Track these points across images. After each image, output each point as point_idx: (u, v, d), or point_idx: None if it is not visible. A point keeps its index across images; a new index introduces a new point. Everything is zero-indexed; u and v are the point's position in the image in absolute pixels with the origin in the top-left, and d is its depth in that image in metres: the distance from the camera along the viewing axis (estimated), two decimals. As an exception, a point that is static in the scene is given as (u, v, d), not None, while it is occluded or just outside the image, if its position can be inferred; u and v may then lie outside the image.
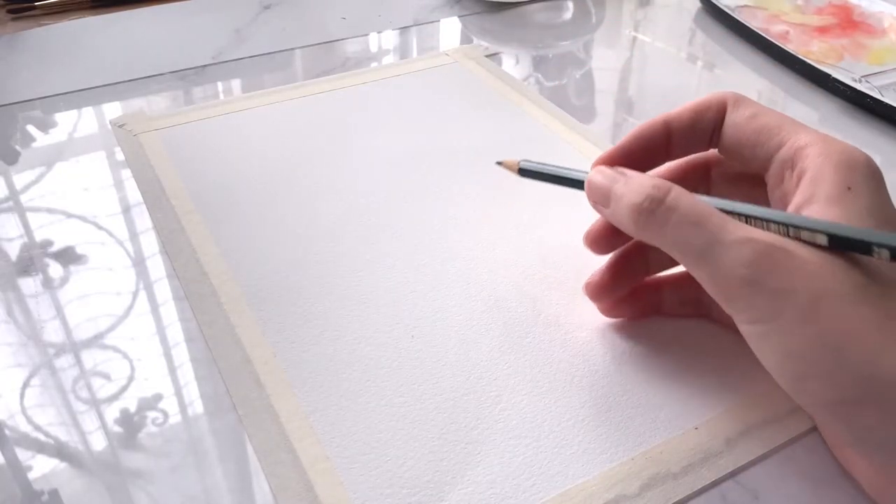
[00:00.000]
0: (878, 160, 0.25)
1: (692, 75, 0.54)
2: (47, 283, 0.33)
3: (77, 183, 0.40)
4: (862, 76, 0.49)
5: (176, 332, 0.31)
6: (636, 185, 0.25)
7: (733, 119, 0.27)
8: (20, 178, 0.40)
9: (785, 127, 0.26)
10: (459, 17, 0.59)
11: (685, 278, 0.29)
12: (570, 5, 0.63)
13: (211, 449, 0.27)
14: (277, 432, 0.27)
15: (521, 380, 0.29)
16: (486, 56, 0.52)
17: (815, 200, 0.24)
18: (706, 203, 0.24)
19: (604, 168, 0.27)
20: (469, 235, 0.36)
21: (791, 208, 0.25)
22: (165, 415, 0.28)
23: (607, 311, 0.31)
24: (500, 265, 0.34)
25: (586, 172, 0.28)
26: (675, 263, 0.29)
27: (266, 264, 0.34)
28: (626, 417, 0.27)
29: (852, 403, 0.22)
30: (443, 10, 0.60)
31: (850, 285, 0.22)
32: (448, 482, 0.25)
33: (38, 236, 0.36)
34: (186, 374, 0.29)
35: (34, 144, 0.43)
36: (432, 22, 0.59)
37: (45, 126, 0.45)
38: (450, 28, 0.58)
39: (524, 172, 0.31)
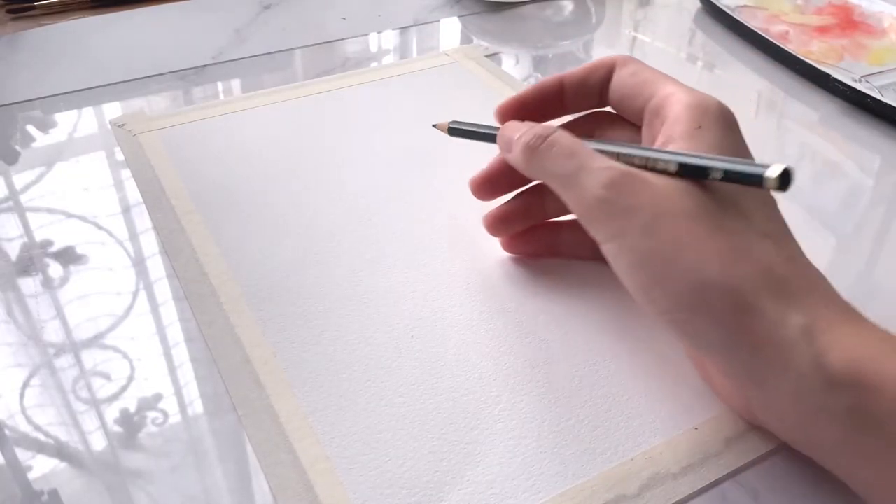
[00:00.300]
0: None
1: (692, 75, 0.54)
2: (47, 283, 0.33)
3: (77, 183, 0.40)
4: (862, 76, 0.49)
5: (176, 332, 0.31)
6: (530, 129, 0.29)
7: (618, 76, 0.31)
8: (20, 178, 0.40)
9: (657, 82, 0.30)
10: (459, 17, 0.59)
11: (578, 224, 0.32)
12: (570, 5, 0.63)
13: (211, 449, 0.27)
14: (277, 432, 0.27)
15: (521, 380, 0.29)
16: (486, 56, 0.52)
17: (672, 140, 0.27)
18: (583, 143, 0.28)
19: (513, 122, 0.31)
20: (469, 235, 0.36)
21: (655, 146, 0.28)
22: (165, 415, 0.28)
23: (507, 246, 0.35)
24: (500, 265, 0.34)
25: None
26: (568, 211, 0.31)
27: (266, 264, 0.34)
28: (626, 417, 0.27)
29: (687, 310, 0.24)
30: (443, 10, 0.60)
31: (689, 205, 0.25)
32: (448, 482, 0.25)
33: (38, 236, 0.36)
34: (186, 374, 0.29)
35: (34, 144, 0.43)
36: (432, 22, 0.59)
37: (45, 126, 0.45)
38: (450, 28, 0.58)
39: (453, 131, 0.36)
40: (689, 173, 0.26)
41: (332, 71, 0.50)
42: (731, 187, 0.26)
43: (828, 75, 0.48)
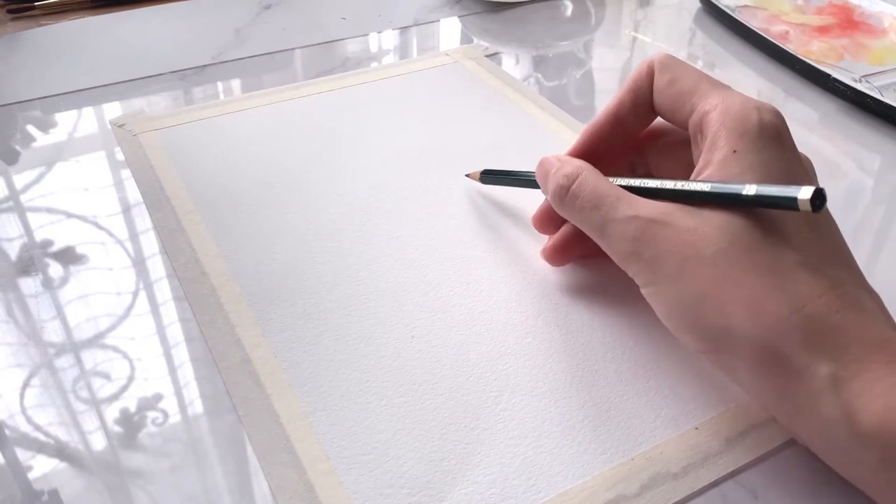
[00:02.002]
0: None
1: (692, 75, 0.54)
2: (47, 283, 0.33)
3: (77, 183, 0.40)
4: (862, 76, 0.49)
5: (176, 332, 0.31)
6: (556, 172, 0.29)
7: (658, 86, 0.29)
8: (20, 178, 0.40)
9: (697, 92, 0.28)
10: (459, 17, 0.59)
11: None
12: (570, 5, 0.63)
13: (211, 449, 0.27)
14: (277, 432, 0.27)
15: (521, 380, 0.29)
16: (486, 56, 0.52)
17: (709, 166, 0.26)
18: (608, 185, 0.27)
19: (548, 157, 0.31)
20: (469, 235, 0.36)
21: (694, 174, 0.27)
22: (165, 415, 0.28)
23: (553, 260, 0.33)
24: (501, 265, 0.34)
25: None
26: None
27: (266, 264, 0.34)
28: (626, 417, 0.27)
29: (716, 353, 0.25)
30: (443, 10, 0.60)
31: (718, 246, 0.24)
32: (448, 482, 0.25)
33: (38, 236, 0.36)
34: (186, 374, 0.29)
35: (34, 144, 0.43)
36: (432, 22, 0.59)
37: (45, 126, 0.45)
38: (450, 28, 0.58)
39: (486, 179, 0.36)
40: (723, 201, 0.25)
41: (332, 71, 0.50)
42: (769, 214, 0.25)
43: (828, 75, 0.48)
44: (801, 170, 0.26)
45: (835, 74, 0.48)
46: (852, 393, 0.22)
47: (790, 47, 0.52)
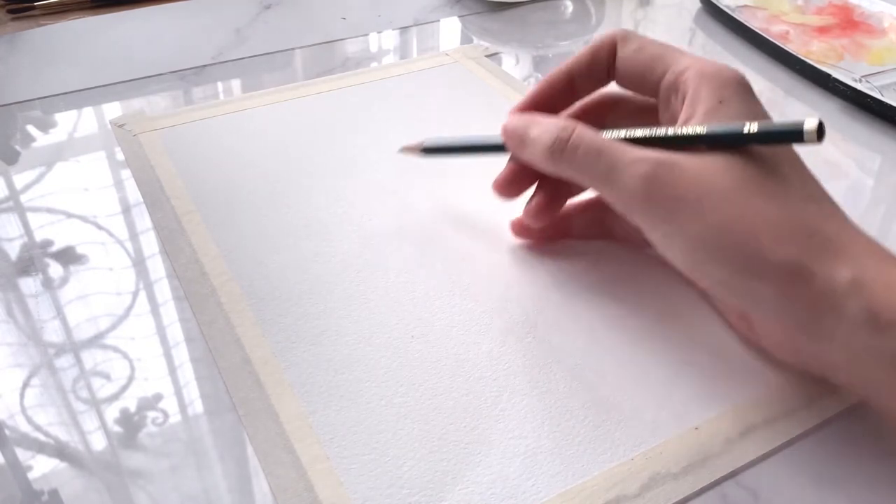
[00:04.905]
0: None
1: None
2: (47, 283, 0.33)
3: (77, 183, 0.40)
4: (862, 76, 0.49)
5: (176, 332, 0.31)
6: (545, 128, 0.29)
7: (623, 54, 0.31)
8: (20, 178, 0.40)
9: (667, 56, 0.30)
10: (459, 17, 0.59)
11: (590, 204, 0.34)
12: (570, 5, 0.63)
13: (211, 449, 0.27)
14: (277, 432, 0.27)
15: (521, 380, 0.29)
16: (486, 56, 0.52)
17: (694, 116, 0.27)
18: (603, 137, 0.28)
19: (516, 115, 0.31)
20: (469, 235, 0.36)
21: (677, 126, 0.28)
22: (165, 415, 0.28)
23: (521, 232, 0.35)
24: (501, 265, 0.34)
25: (486, 138, 0.33)
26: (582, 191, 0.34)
27: (266, 264, 0.34)
28: (626, 417, 0.27)
29: (741, 280, 0.26)
30: (443, 10, 0.60)
31: (731, 181, 0.26)
32: (448, 482, 0.25)
33: (38, 236, 0.36)
34: (186, 374, 0.29)
35: (34, 144, 0.43)
36: (432, 22, 0.59)
37: (45, 126, 0.45)
38: (450, 28, 0.58)
39: (428, 151, 0.36)
40: (725, 143, 0.26)
41: (332, 71, 0.50)
42: (762, 156, 0.26)
43: (828, 75, 0.48)
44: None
45: (835, 74, 0.48)
46: (873, 292, 0.24)
47: (790, 47, 0.52)
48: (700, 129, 0.27)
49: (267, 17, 0.58)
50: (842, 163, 0.43)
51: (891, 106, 0.45)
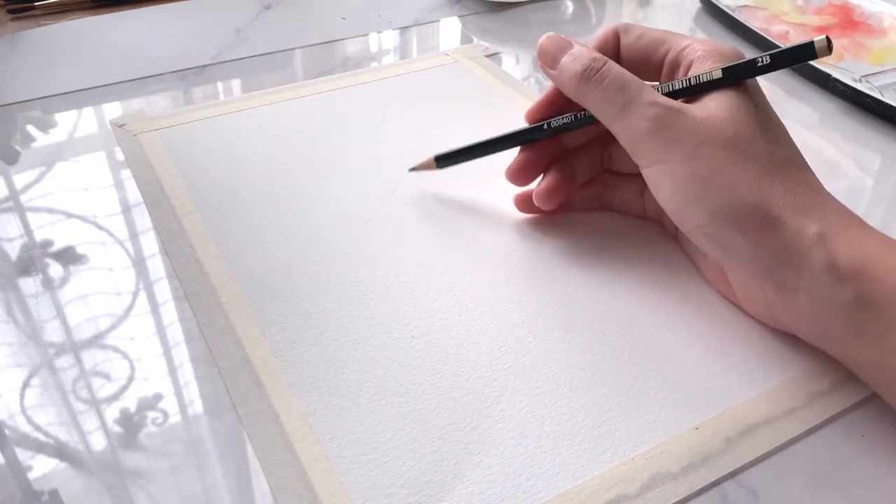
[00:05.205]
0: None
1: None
2: (47, 283, 0.33)
3: (77, 183, 0.40)
4: (862, 76, 0.49)
5: (176, 332, 0.31)
6: (579, 55, 0.32)
7: (626, 43, 0.34)
8: (20, 178, 0.40)
9: (668, 38, 0.33)
10: (459, 17, 0.59)
11: (592, 181, 0.37)
12: (570, 5, 0.63)
13: (211, 449, 0.27)
14: (277, 432, 0.27)
15: (521, 380, 0.29)
16: (486, 56, 0.52)
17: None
18: (632, 75, 0.31)
19: (553, 35, 0.33)
20: (470, 234, 0.36)
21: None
22: (165, 415, 0.28)
23: (525, 206, 0.37)
24: (501, 264, 0.34)
25: (496, 137, 0.35)
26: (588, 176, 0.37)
27: (266, 264, 0.34)
28: (626, 417, 0.27)
29: (719, 224, 0.28)
30: (443, 10, 0.60)
31: (727, 134, 0.29)
32: (448, 482, 0.25)
33: (38, 236, 0.36)
34: (186, 374, 0.29)
35: (34, 144, 0.43)
36: (432, 22, 0.59)
37: (45, 126, 0.45)
38: (450, 28, 0.58)
39: (441, 161, 0.37)
40: (737, 73, 0.30)
41: (332, 71, 0.50)
42: (759, 120, 0.29)
43: (828, 75, 0.48)
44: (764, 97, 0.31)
45: (835, 74, 0.48)
46: (835, 246, 0.27)
47: (790, 47, 0.52)
48: (717, 74, 0.30)
49: (267, 17, 0.58)
50: (842, 163, 0.43)
51: (891, 106, 0.45)
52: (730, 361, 0.30)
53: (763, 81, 0.31)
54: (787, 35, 0.56)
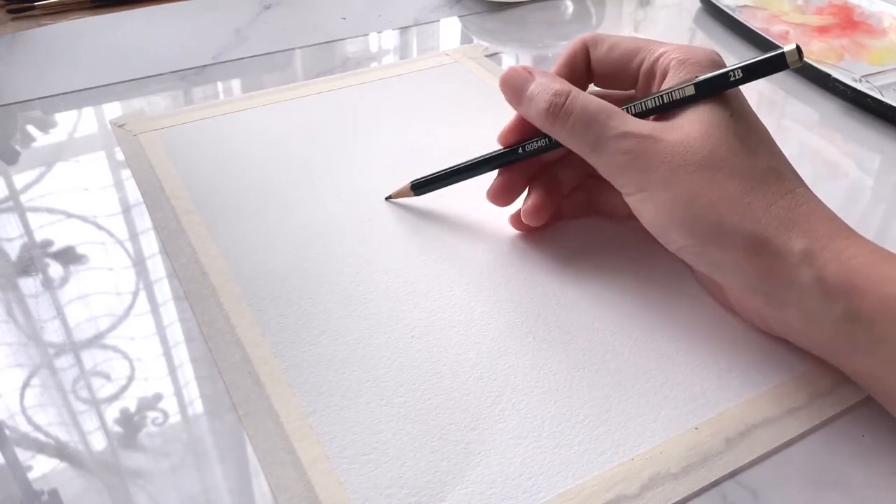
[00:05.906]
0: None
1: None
2: (47, 283, 0.33)
3: (77, 183, 0.40)
4: (862, 76, 0.49)
5: (176, 332, 0.31)
6: (543, 88, 0.31)
7: (596, 56, 0.33)
8: (20, 178, 0.40)
9: (640, 47, 0.32)
10: (459, 17, 0.59)
11: (577, 187, 0.36)
12: (570, 5, 0.63)
13: (211, 449, 0.27)
14: (277, 432, 0.27)
15: (521, 380, 0.29)
16: (486, 56, 0.52)
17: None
18: (597, 101, 0.30)
19: (514, 69, 0.32)
20: (469, 235, 0.36)
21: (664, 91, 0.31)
22: (165, 415, 0.28)
23: (518, 225, 0.36)
24: (500, 264, 0.34)
25: (471, 161, 0.35)
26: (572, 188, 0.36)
27: (266, 264, 0.34)
28: (626, 417, 0.27)
29: (703, 246, 0.28)
30: (443, 10, 0.60)
31: (702, 155, 0.28)
32: (448, 482, 0.25)
33: (38, 236, 0.36)
34: (186, 374, 0.29)
35: (34, 144, 0.43)
36: (432, 22, 0.59)
37: (45, 126, 0.45)
38: (450, 28, 0.58)
39: (417, 188, 0.37)
40: (710, 87, 0.29)
41: (332, 71, 0.50)
42: (736, 133, 0.28)
43: (828, 75, 0.48)
44: (744, 99, 0.31)
45: (835, 74, 0.48)
46: (822, 261, 0.26)
47: (790, 47, 0.52)
48: (689, 91, 0.29)
49: (267, 17, 0.58)
50: (842, 163, 0.43)
51: (891, 106, 0.45)
52: (730, 362, 0.30)
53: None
54: (787, 35, 0.56)
